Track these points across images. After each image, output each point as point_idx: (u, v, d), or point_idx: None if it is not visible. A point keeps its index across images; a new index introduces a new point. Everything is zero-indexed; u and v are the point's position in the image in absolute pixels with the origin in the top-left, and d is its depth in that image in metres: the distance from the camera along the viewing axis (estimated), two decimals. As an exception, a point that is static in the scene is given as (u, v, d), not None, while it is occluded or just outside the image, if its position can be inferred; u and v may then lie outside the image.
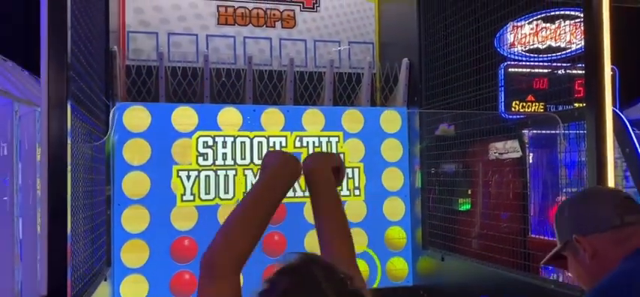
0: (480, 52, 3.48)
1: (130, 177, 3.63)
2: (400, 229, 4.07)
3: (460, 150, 3.69)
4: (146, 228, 3.64)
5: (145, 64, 3.95)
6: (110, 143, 3.54)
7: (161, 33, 4.15)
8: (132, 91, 3.84)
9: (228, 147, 3.81)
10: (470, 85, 3.52)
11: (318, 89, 4.15)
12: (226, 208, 3.76)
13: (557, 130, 3.06)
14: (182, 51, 4.17)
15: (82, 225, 2.65)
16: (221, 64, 4.13)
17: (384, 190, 4.06)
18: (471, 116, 3.54)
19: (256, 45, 4.35)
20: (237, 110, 3.85)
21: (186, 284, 3.67)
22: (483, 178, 3.76)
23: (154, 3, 4.17)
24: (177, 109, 3.74)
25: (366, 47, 4.56)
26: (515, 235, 3.31)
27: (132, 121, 3.64)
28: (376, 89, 4.36)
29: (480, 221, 3.66)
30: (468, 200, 3.85)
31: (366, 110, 4.11)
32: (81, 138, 2.70)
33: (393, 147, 4.10)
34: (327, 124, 3.98)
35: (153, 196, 3.65)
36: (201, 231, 3.71)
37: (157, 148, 3.67)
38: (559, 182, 3.20)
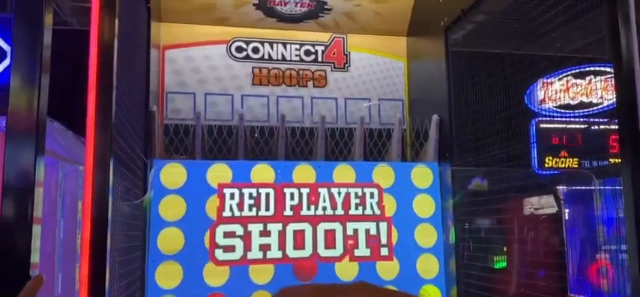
0: (510, 109, 3.50)
1: (165, 233, 3.69)
2: (435, 287, 3.99)
3: (494, 206, 3.65)
4: (179, 284, 3.67)
5: (183, 122, 4.09)
6: (147, 200, 3.64)
7: (198, 93, 4.31)
8: (170, 148, 3.97)
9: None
10: (501, 140, 3.52)
11: (348, 145, 4.21)
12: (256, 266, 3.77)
13: (592, 186, 3.01)
14: (218, 110, 4.31)
15: (117, 281, 2.70)
16: (255, 122, 4.25)
17: (417, 247, 4.02)
18: (503, 172, 3.52)
19: (289, 103, 4.47)
20: (270, 166, 3.92)
21: (217, 341, 3.66)
22: (519, 235, 3.69)
23: (192, 65, 4.35)
24: (213, 166, 3.84)
25: (395, 104, 4.62)
26: (554, 294, 3.22)
27: (168, 177, 3.74)
28: (406, 145, 4.39)
29: (517, 279, 3.57)
30: (503, 258, 3.77)
31: (397, 165, 4.12)
32: (120, 195, 2.79)
33: (425, 202, 4.07)
34: (358, 179, 4.00)
35: (186, 251, 3.70)
36: (232, 287, 3.72)
37: (191, 204, 3.75)
38: (597, 239, 3.12)
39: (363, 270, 3.90)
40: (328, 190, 3.94)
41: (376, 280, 3.88)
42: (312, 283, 3.76)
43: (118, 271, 2.74)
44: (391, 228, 3.99)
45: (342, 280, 3.86)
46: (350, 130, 4.25)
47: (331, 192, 3.94)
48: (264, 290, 3.77)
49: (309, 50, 4.56)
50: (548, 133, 3.55)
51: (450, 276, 3.98)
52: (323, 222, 3.91)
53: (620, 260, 2.74)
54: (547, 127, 3.57)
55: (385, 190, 4.04)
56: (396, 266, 3.95)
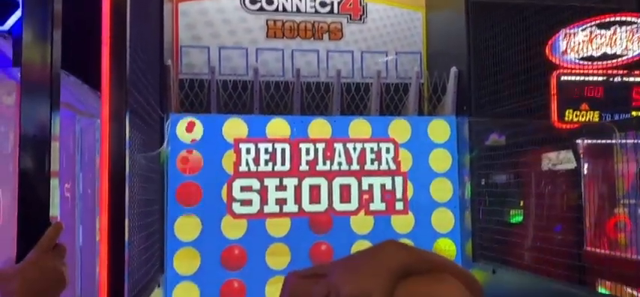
0: (531, 60, 3.41)
1: (182, 187, 3.74)
2: (449, 241, 4.01)
3: (511, 160, 3.61)
4: (198, 236, 3.74)
5: (198, 77, 4.08)
6: (164, 153, 3.67)
7: (212, 47, 4.28)
8: (185, 103, 3.97)
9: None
10: (521, 93, 3.45)
11: (365, 100, 4.17)
12: (273, 219, 3.82)
13: (613, 140, 2.95)
14: (232, 65, 4.28)
15: (137, 233, 2.75)
16: (270, 76, 4.22)
17: (433, 202, 4.02)
18: (522, 126, 3.46)
19: (304, 57, 4.42)
20: (286, 121, 3.91)
21: (235, 292, 3.75)
22: (536, 189, 3.66)
23: (206, 18, 4.30)
24: (228, 121, 3.84)
25: (413, 57, 4.54)
26: (570, 247, 3.21)
27: (185, 132, 3.76)
28: (424, 99, 4.33)
29: (533, 233, 3.56)
30: (519, 212, 3.76)
31: (413, 119, 4.09)
32: (137, 148, 2.82)
33: (441, 157, 4.05)
34: (374, 134, 3.98)
35: (204, 205, 3.75)
36: (250, 240, 3.78)
37: (208, 158, 3.78)
38: (616, 194, 3.08)
39: (378, 224, 3.92)
40: (344, 145, 3.93)
41: (391, 234, 3.91)
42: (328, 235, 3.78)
43: (138, 222, 2.80)
44: (407, 183, 3.99)
45: (356, 234, 3.90)
46: (366, 85, 4.20)
47: (347, 147, 3.94)
48: (281, 243, 3.83)
49: (324, 1, 4.48)
50: (569, 85, 3.46)
51: (465, 230, 3.99)
52: (338, 177, 3.92)
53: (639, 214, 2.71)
54: (568, 79, 3.48)
55: (401, 145, 4.01)
56: (411, 220, 3.97)
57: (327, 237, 3.88)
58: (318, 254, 3.85)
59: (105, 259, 2.03)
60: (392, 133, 4.01)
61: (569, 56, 3.57)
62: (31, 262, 1.09)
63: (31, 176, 1.22)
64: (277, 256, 3.81)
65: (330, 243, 3.88)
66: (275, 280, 3.78)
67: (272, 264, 3.81)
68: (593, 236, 3.35)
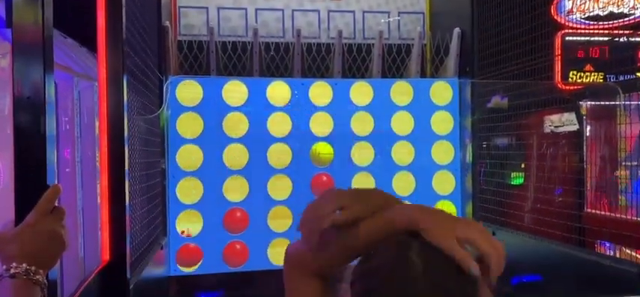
0: (535, 20, 3.35)
1: (183, 150, 3.74)
2: (450, 203, 4.02)
3: (513, 122, 3.59)
4: (200, 199, 3.75)
5: (196, 39, 4.02)
6: (164, 117, 3.65)
7: (211, 7, 4.21)
8: (184, 65, 3.93)
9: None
10: (524, 54, 3.40)
11: (366, 61, 4.12)
12: (276, 179, 3.82)
13: (617, 101, 2.92)
14: (232, 25, 4.22)
15: (138, 195, 2.76)
16: (270, 37, 4.16)
17: (434, 164, 4.01)
18: (525, 87, 3.42)
19: (304, 17, 4.34)
20: (286, 84, 3.88)
21: (238, 254, 3.78)
22: (537, 152, 3.65)
23: (204, -22, 4.22)
24: (228, 83, 3.81)
25: (416, 17, 4.47)
26: (571, 209, 3.21)
27: (184, 95, 3.73)
28: (426, 60, 4.28)
29: (534, 195, 3.56)
30: (521, 174, 3.75)
31: (415, 82, 4.05)
32: (136, 111, 2.80)
33: (443, 119, 4.02)
34: (375, 97, 3.95)
35: (206, 168, 3.75)
36: (252, 202, 3.80)
37: (208, 121, 3.76)
38: (618, 155, 3.06)
39: (379, 184, 3.92)
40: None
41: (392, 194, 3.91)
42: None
43: (139, 185, 2.80)
44: (408, 144, 3.98)
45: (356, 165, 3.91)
46: (368, 46, 4.14)
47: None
48: (283, 205, 3.84)
49: (325, -40, 4.38)
50: (573, 45, 3.41)
51: (465, 192, 3.99)
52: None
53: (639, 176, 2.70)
54: (573, 39, 3.42)
55: (403, 107, 3.98)
56: (412, 182, 3.97)
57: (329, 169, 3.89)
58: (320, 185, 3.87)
59: (106, 222, 2.03)
60: (393, 96, 3.97)
61: (574, 16, 3.50)
62: (28, 224, 1.09)
63: (27, 139, 1.21)
64: (279, 218, 3.83)
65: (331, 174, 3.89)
66: (277, 243, 3.82)
67: (274, 227, 3.83)
68: (594, 198, 3.35)
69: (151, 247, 3.07)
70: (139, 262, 2.61)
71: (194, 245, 3.74)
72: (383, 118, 3.95)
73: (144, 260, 2.72)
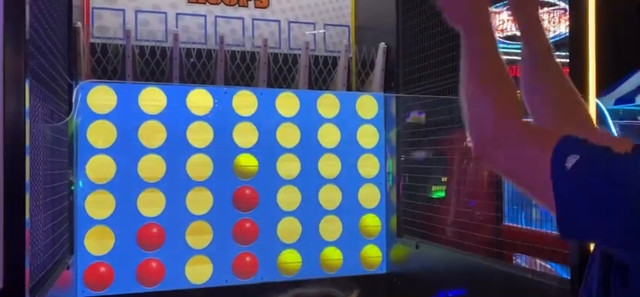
0: (457, 38, 3.42)
1: (94, 160, 3.46)
2: (375, 216, 4.02)
3: (436, 137, 3.65)
4: (111, 214, 3.48)
5: (111, 42, 3.76)
6: (73, 125, 3.36)
7: (128, 10, 3.96)
8: (97, 70, 3.65)
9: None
10: (447, 71, 3.47)
11: (292, 72, 4.04)
12: (196, 192, 3.63)
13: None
14: (150, 29, 3.99)
15: (42, 211, 2.49)
16: (191, 43, 3.97)
17: (360, 177, 4.00)
18: (446, 103, 3.49)
19: (228, 25, 4.20)
20: (208, 92, 3.71)
21: (153, 272, 3.54)
22: (457, 166, 3.73)
23: (121, -22, 3.97)
24: (145, 90, 3.58)
25: (342, 30, 4.46)
26: (489, 222, 3.30)
27: (97, 101, 3.46)
28: (352, 74, 4.28)
29: (455, 209, 3.63)
30: (442, 188, 3.82)
31: (342, 95, 4.02)
32: (42, 119, 2.53)
33: (369, 133, 4.03)
34: (302, 108, 3.88)
35: (119, 180, 3.50)
36: (169, 217, 3.58)
37: (123, 130, 3.51)
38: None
39: (305, 197, 3.85)
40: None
41: (318, 208, 3.86)
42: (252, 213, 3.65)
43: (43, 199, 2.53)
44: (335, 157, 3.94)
45: (283, 210, 3.81)
46: (294, 56, 4.07)
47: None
48: (203, 220, 3.66)
49: (250, -33, 4.27)
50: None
51: (390, 206, 4.01)
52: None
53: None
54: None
55: (330, 119, 3.94)
56: (338, 195, 3.93)
57: (252, 214, 3.75)
58: (243, 232, 3.73)
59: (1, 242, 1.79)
60: (320, 108, 3.92)
61: (493, 35, 3.62)
62: None
63: None
64: (198, 234, 3.64)
65: (256, 220, 3.76)
66: (196, 260, 3.62)
67: (193, 243, 3.63)
68: (512, 211, 3.47)
69: (55, 267, 2.79)
70: (40, 285, 2.35)
71: (104, 264, 3.45)
72: (309, 130, 3.88)
73: (46, 283, 2.45)
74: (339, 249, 3.90)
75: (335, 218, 3.90)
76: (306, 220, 3.84)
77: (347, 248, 3.92)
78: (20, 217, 1.86)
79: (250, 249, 3.74)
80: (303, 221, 3.84)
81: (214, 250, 3.67)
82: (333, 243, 3.90)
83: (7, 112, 1.78)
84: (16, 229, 1.84)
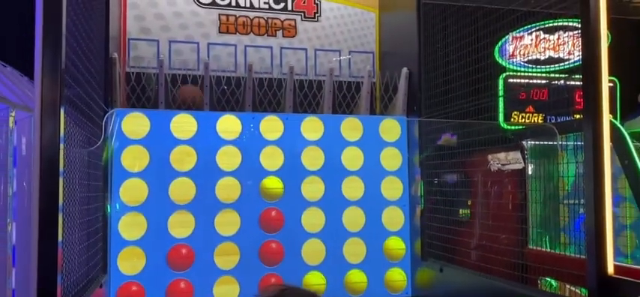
0: (479, 62, 3.48)
1: (128, 184, 3.62)
2: (399, 239, 4.04)
3: (459, 160, 3.67)
4: (143, 235, 3.63)
5: (145, 71, 3.96)
6: (108, 150, 3.54)
7: (162, 40, 4.17)
8: (131, 98, 3.85)
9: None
10: (469, 94, 3.51)
11: (317, 97, 4.15)
12: (224, 214, 3.75)
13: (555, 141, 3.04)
14: (183, 58, 4.18)
15: (77, 231, 2.64)
16: (221, 71, 4.14)
17: (384, 200, 4.04)
18: (470, 126, 3.52)
19: (257, 53, 4.36)
20: (237, 117, 3.85)
21: (182, 293, 3.65)
22: (483, 189, 3.74)
23: (156, 10, 4.18)
24: (177, 116, 3.74)
25: (366, 56, 4.56)
26: (514, 246, 3.28)
27: (131, 127, 3.64)
28: (376, 98, 4.35)
29: (479, 233, 3.62)
30: (467, 211, 3.82)
31: (365, 119, 4.10)
32: (78, 144, 2.70)
33: (392, 156, 4.08)
34: (326, 132, 3.97)
35: (151, 203, 3.64)
36: (198, 239, 3.70)
37: (155, 154, 3.67)
38: (558, 194, 3.17)
39: (330, 219, 3.91)
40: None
41: (341, 230, 3.91)
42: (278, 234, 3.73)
43: (78, 220, 2.68)
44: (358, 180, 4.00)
45: (307, 231, 3.88)
46: (319, 82, 4.19)
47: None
48: (231, 241, 3.76)
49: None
50: (515, 87, 3.55)
51: (414, 229, 4.02)
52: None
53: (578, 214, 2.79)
54: (515, 81, 3.57)
55: (353, 142, 4.02)
56: (362, 217, 3.97)
57: (278, 236, 3.84)
58: (269, 254, 3.81)
59: (35, 259, 1.92)
60: (344, 132, 4.00)
61: (516, 59, 3.65)
62: None
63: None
64: (226, 255, 3.74)
65: (281, 242, 3.84)
66: (223, 280, 3.72)
67: (220, 264, 3.73)
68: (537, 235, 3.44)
69: (89, 285, 2.93)
70: (73, 302, 2.48)
71: (136, 283, 3.59)
72: (333, 153, 3.96)
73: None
74: (364, 272, 3.93)
75: (359, 241, 3.94)
76: (330, 242, 3.90)
77: (371, 271, 3.95)
78: (53, 236, 1.99)
79: (276, 270, 3.81)
80: (327, 243, 3.89)
81: (241, 270, 3.76)
82: (357, 266, 3.93)
83: (43, 137, 1.93)
84: (50, 247, 1.98)
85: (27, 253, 2.81)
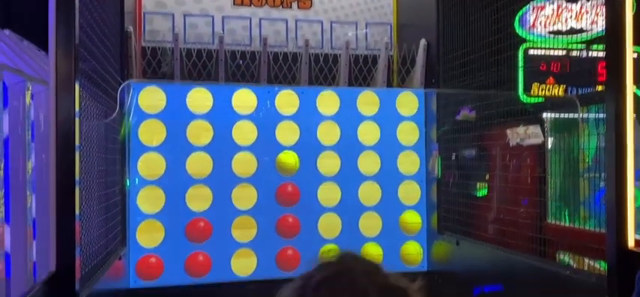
0: (499, 33, 3.39)
1: (145, 158, 3.65)
2: (415, 213, 4.03)
3: (477, 133, 3.61)
4: (161, 209, 3.67)
5: (161, 45, 3.96)
6: (126, 125, 3.56)
7: (177, 14, 4.15)
8: (147, 72, 3.86)
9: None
10: (489, 66, 3.44)
11: (333, 71, 4.11)
12: (240, 188, 3.76)
13: (576, 114, 2.97)
14: (198, 32, 4.16)
15: (95, 204, 2.67)
16: (236, 45, 4.11)
17: (400, 174, 4.01)
18: (489, 99, 3.46)
19: (272, 26, 4.32)
20: (252, 91, 3.84)
21: (200, 265, 3.70)
22: (501, 163, 3.68)
23: (170, -16, 4.16)
24: (193, 91, 3.74)
25: (383, 28, 4.49)
26: (532, 220, 3.24)
27: (147, 101, 3.66)
28: (393, 71, 4.30)
29: (497, 206, 3.58)
30: (485, 185, 3.78)
31: (382, 92, 4.05)
32: (95, 117, 2.72)
33: (409, 130, 4.04)
34: (342, 106, 3.94)
35: (168, 177, 3.68)
36: (215, 212, 3.73)
37: (172, 129, 3.69)
38: (578, 167, 3.10)
39: (345, 194, 3.91)
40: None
41: (357, 204, 3.91)
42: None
43: (96, 193, 2.71)
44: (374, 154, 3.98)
45: (323, 206, 3.88)
46: (335, 56, 4.14)
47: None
48: (248, 215, 3.78)
49: (292, -30, 4.37)
50: (535, 59, 3.46)
51: (431, 203, 4.00)
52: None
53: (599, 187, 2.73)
54: (535, 53, 3.48)
55: (369, 117, 3.98)
56: (378, 192, 3.96)
57: (294, 210, 3.85)
58: (286, 227, 3.83)
59: (54, 231, 1.96)
60: (360, 106, 3.97)
61: (537, 30, 3.56)
62: None
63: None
64: (243, 228, 3.77)
65: (297, 216, 3.85)
66: (241, 253, 3.76)
67: (238, 237, 3.77)
68: (556, 209, 3.39)
69: (108, 257, 2.98)
70: (92, 274, 2.52)
71: (155, 256, 3.64)
72: (349, 128, 3.94)
73: (98, 271, 2.63)
74: (379, 245, 3.93)
75: (375, 215, 3.93)
76: (346, 216, 3.90)
77: (387, 244, 3.95)
78: (71, 209, 2.02)
79: (292, 243, 3.84)
80: (343, 217, 3.90)
81: (258, 243, 3.79)
82: (373, 239, 3.93)
83: (59, 111, 1.95)
84: (67, 220, 2.00)
85: (47, 225, 2.86)
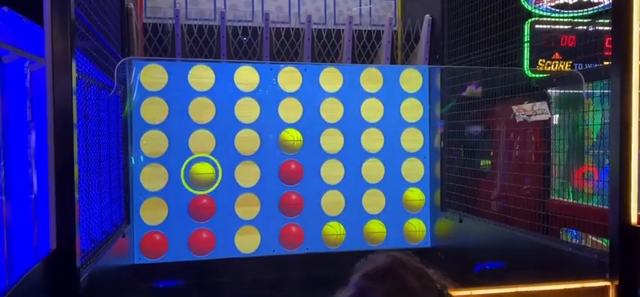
0: (505, 7, 3.33)
1: (148, 135, 3.65)
2: (419, 190, 4.01)
3: (482, 110, 3.57)
4: (165, 186, 3.68)
5: (162, 22, 3.92)
6: (129, 102, 3.55)
7: (178, -10, 4.10)
8: (149, 49, 3.83)
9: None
10: (494, 41, 3.38)
11: (336, 47, 4.07)
12: (243, 165, 3.76)
13: (582, 90, 2.92)
14: (199, 8, 4.12)
15: (96, 182, 2.68)
16: (238, 21, 4.07)
17: (403, 151, 3.99)
18: (494, 74, 3.41)
19: (274, 2, 4.26)
20: (254, 68, 3.81)
21: (204, 242, 3.72)
22: (505, 139, 3.65)
23: (171, -40, 4.10)
24: (195, 68, 3.72)
25: (387, 4, 4.42)
26: (536, 197, 3.22)
27: (149, 79, 3.64)
28: (397, 47, 4.24)
29: (500, 183, 3.56)
30: (488, 162, 3.75)
31: (385, 69, 4.01)
32: (95, 94, 2.71)
33: (413, 107, 4.00)
34: (345, 83, 3.90)
35: (171, 154, 3.68)
36: (219, 190, 3.73)
37: (174, 106, 3.68)
38: (584, 144, 3.07)
39: (349, 171, 3.90)
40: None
41: (361, 182, 3.90)
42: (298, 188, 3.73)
43: (98, 171, 2.72)
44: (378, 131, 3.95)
45: (327, 183, 3.87)
46: (338, 32, 4.09)
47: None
48: (251, 193, 3.78)
49: (294, -56, 4.30)
50: (541, 33, 3.40)
51: (434, 180, 3.98)
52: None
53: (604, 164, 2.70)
54: (541, 27, 3.41)
55: (373, 94, 3.95)
56: (381, 169, 3.94)
57: (297, 187, 3.85)
58: (289, 205, 3.83)
59: (53, 210, 1.95)
60: (363, 83, 3.93)
61: (543, 4, 3.49)
62: None
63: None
64: (246, 206, 3.78)
65: (301, 193, 3.85)
66: (244, 230, 3.77)
67: (241, 214, 3.78)
68: (560, 186, 3.36)
69: (111, 235, 3.00)
70: (96, 250, 2.54)
71: (159, 233, 3.66)
72: (352, 105, 3.91)
73: (101, 248, 2.64)
74: (382, 222, 3.93)
75: (378, 192, 3.92)
76: (349, 193, 3.90)
77: (390, 222, 3.95)
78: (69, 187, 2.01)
79: (296, 220, 3.84)
80: (346, 195, 3.89)
81: (262, 221, 3.80)
82: (376, 216, 3.93)
83: (56, 89, 1.93)
84: (66, 198, 1.99)
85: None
